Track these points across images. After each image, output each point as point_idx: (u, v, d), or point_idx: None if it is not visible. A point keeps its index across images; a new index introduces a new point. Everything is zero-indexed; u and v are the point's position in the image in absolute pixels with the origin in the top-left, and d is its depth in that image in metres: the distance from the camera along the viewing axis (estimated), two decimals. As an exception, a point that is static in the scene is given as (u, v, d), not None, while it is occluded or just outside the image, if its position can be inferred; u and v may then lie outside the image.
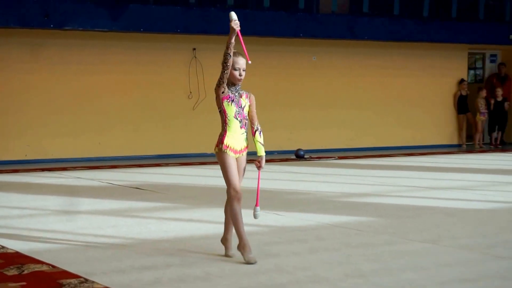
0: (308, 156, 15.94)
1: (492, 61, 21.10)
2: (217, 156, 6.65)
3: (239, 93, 6.60)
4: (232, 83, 6.56)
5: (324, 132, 17.35)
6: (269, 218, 8.78)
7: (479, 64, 21.40)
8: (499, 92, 19.75)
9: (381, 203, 10.16)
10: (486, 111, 19.69)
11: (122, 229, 8.18)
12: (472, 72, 21.20)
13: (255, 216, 6.75)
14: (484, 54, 21.01)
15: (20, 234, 7.77)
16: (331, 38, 17.31)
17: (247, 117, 6.65)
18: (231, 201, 6.50)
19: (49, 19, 14.20)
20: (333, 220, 8.64)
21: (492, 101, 19.78)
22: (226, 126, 6.61)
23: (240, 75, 6.55)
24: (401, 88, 18.65)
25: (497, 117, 19.83)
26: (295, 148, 16.29)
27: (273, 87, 16.87)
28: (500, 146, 19.68)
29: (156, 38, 15.75)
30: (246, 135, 6.68)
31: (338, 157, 16.13)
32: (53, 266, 6.32)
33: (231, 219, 6.55)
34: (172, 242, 7.47)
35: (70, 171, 13.52)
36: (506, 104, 19.76)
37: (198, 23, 15.64)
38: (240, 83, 6.60)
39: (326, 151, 17.04)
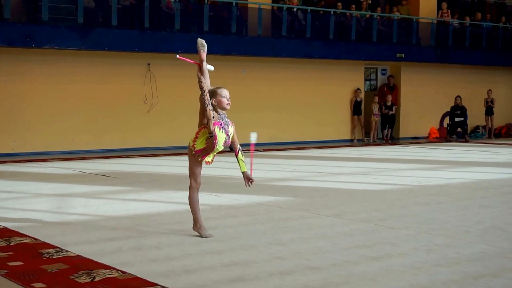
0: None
1: (383, 74, 21.38)
2: (189, 152, 6.31)
3: (226, 122, 6.20)
4: (221, 109, 6.18)
5: (252, 130, 17.31)
6: (208, 198, 8.77)
7: (373, 76, 21.66)
8: (389, 98, 20.03)
9: (297, 186, 10.22)
10: (379, 113, 19.96)
11: (91, 208, 8.09)
12: (368, 82, 21.44)
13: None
14: (377, 69, 21.28)
15: (7, 213, 7.63)
16: (257, 56, 17.36)
17: (230, 144, 6.35)
18: (192, 190, 6.33)
19: (31, 40, 13.99)
20: (260, 200, 8.67)
21: (383, 105, 20.06)
22: (214, 148, 6.17)
23: (227, 100, 6.17)
24: (312, 95, 18.79)
25: (387, 118, 20.11)
26: (229, 143, 16.25)
27: (212, 94, 16.84)
28: (390, 141, 19.97)
29: (117, 55, 15.60)
30: None
31: (264, 149, 16.18)
32: (35, 239, 6.24)
33: (190, 204, 6.38)
34: (131, 218, 7.42)
35: (49, 161, 13.29)
36: (394, 108, 20.06)
37: (151, 43, 15.56)
38: (227, 108, 6.21)
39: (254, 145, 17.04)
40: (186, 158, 6.67)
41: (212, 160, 6.38)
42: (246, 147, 6.65)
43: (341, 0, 19.66)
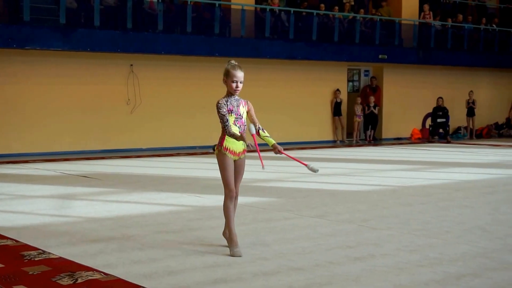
0: (223, 150, 15.91)
1: (365, 75, 21.46)
2: (216, 157, 5.95)
3: (237, 103, 5.90)
4: (230, 93, 5.90)
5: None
6: (191, 199, 8.76)
7: (356, 77, 21.75)
8: (371, 99, 20.10)
9: (280, 186, 10.23)
10: (362, 114, 20.03)
11: (73, 209, 8.05)
12: (350, 83, 21.52)
13: (314, 169, 6.17)
14: (359, 70, 21.36)
15: (-12, 215, 7.57)
16: (241, 57, 17.33)
17: (246, 124, 5.96)
18: (226, 198, 5.87)
19: (12, 41, 13.90)
20: (243, 201, 8.64)
21: (366, 106, 20.13)
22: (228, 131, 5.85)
23: (237, 87, 5.85)
24: (295, 96, 18.81)
25: (370, 119, 20.18)
26: (212, 144, 16.25)
27: (194, 94, 16.83)
28: (372, 142, 20.05)
29: (100, 56, 15.54)
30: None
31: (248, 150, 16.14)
32: (16, 241, 6.19)
33: (224, 214, 5.93)
34: (114, 220, 7.38)
35: (31, 163, 13.20)
36: (376, 109, 20.14)
37: (134, 44, 15.52)
38: (237, 93, 5.91)
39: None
40: (168, 159, 6.64)
41: (238, 151, 5.94)
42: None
43: (324, 1, 19.73)
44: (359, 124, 20.16)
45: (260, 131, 6.00)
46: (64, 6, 14.61)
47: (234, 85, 5.88)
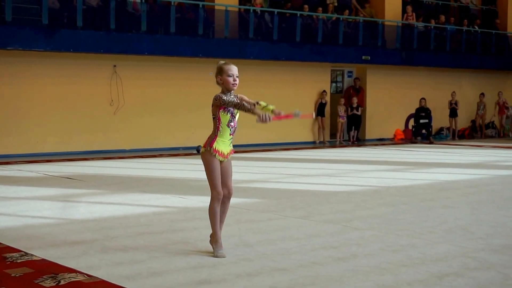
0: (206, 151, 15.90)
1: (349, 76, 21.53)
2: (202, 156, 5.75)
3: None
4: (227, 89, 5.71)
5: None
6: (175, 200, 8.75)
7: (339, 78, 21.80)
8: (355, 100, 20.16)
9: (264, 187, 10.24)
10: (345, 115, 20.08)
11: (56, 211, 8.01)
12: (334, 84, 21.57)
13: (297, 114, 6.15)
14: (343, 71, 21.42)
15: (-30, 217, 7.52)
16: (224, 57, 17.30)
17: (236, 126, 5.82)
18: (213, 201, 5.72)
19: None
20: (227, 202, 8.65)
21: (349, 107, 20.18)
22: (218, 131, 5.71)
23: (234, 80, 5.69)
24: (278, 97, 18.70)
25: (353, 120, 20.24)
26: (196, 145, 16.26)
27: (178, 95, 16.80)
28: (356, 142, 20.11)
29: (83, 56, 15.46)
30: (232, 140, 5.86)
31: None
32: (-2, 243, 6.15)
33: (210, 216, 5.77)
34: (97, 221, 7.35)
35: (13, 164, 13.12)
36: (359, 110, 20.20)
37: (117, 45, 15.46)
38: (235, 88, 5.74)
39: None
40: (151, 160, 6.62)
41: (226, 153, 5.77)
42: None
43: (308, 2, 19.76)
44: (343, 125, 20.21)
45: (256, 104, 5.73)
46: (47, 6, 14.53)
47: (231, 79, 5.70)
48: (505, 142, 20.88)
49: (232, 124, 5.76)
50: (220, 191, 5.74)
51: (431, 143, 20.11)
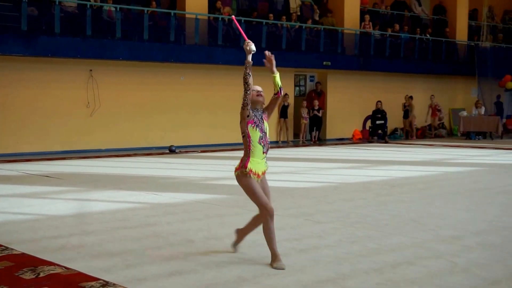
0: (178, 151, 15.88)
1: (311, 80, 21.62)
2: (239, 179, 5.36)
3: (262, 117, 5.42)
4: (254, 102, 5.46)
5: (189, 131, 17.32)
6: (148, 197, 8.72)
7: (302, 82, 21.87)
8: (316, 103, 20.24)
9: (232, 184, 10.21)
10: (307, 116, 20.15)
11: (35, 208, 7.93)
12: (297, 88, 21.64)
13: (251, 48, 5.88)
14: (305, 75, 21.50)
15: (-48, 214, 7.40)
16: (194, 63, 17.32)
17: (269, 143, 5.50)
18: (265, 219, 5.24)
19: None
20: (197, 198, 8.66)
21: (312, 109, 20.26)
22: (249, 151, 5.37)
23: (257, 93, 5.49)
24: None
25: (315, 121, 20.33)
26: (168, 145, 16.21)
27: (151, 98, 16.71)
28: (317, 142, 20.19)
29: (61, 61, 15.30)
30: (266, 159, 5.49)
31: (201, 151, 16.16)
32: (-20, 238, 6.08)
33: (265, 235, 5.28)
34: (75, 217, 7.30)
35: (-7, 163, 12.95)
36: (321, 112, 20.29)
37: (93, 50, 15.33)
38: (261, 105, 5.48)
39: (191, 147, 17.02)
40: (126, 159, 6.59)
41: (261, 173, 5.41)
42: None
43: (273, 11, 19.80)
44: (305, 126, 20.29)
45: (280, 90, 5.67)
46: (26, 13, 14.36)
47: (254, 92, 5.52)
48: (454, 141, 21.18)
49: (263, 141, 5.39)
50: (271, 207, 5.26)
51: (386, 142, 20.31)
